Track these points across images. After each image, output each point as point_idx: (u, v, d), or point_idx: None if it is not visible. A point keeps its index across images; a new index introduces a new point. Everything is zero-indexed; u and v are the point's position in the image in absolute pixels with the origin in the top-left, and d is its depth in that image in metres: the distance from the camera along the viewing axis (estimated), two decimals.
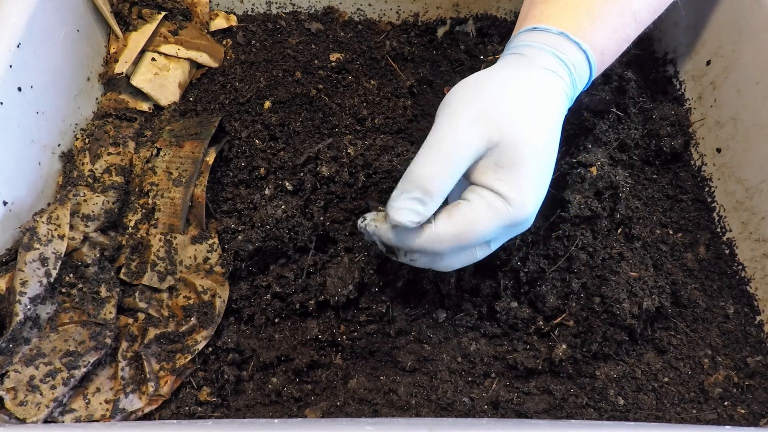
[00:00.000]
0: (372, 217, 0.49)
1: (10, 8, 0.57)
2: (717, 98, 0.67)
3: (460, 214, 0.45)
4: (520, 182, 0.45)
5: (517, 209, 0.45)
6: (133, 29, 0.71)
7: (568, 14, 0.52)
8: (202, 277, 0.56)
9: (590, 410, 0.52)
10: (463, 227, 0.45)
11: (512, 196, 0.45)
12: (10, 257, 0.53)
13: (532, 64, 0.50)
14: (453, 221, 0.45)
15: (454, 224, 0.45)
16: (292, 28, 0.78)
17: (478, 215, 0.45)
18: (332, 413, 0.51)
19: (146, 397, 0.50)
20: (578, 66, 0.51)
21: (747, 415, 0.53)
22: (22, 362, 0.49)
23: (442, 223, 0.45)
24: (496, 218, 0.45)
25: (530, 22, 0.53)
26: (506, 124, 0.46)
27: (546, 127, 0.47)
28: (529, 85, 0.48)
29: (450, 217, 0.45)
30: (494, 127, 0.45)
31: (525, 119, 0.46)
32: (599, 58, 0.53)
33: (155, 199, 0.60)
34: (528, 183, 0.46)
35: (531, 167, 0.46)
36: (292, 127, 0.68)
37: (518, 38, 0.52)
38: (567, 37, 0.51)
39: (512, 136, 0.45)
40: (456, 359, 0.54)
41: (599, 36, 0.52)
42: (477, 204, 0.45)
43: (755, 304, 0.60)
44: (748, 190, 0.62)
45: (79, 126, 0.66)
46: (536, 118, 0.47)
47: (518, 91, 0.47)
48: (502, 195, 0.45)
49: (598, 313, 0.54)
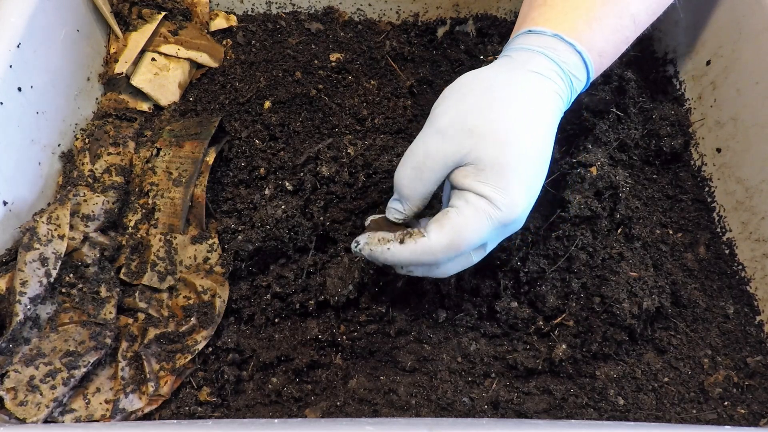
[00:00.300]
0: (365, 241, 0.49)
1: (10, 8, 0.57)
2: (717, 98, 0.67)
3: (449, 222, 0.46)
4: (504, 183, 0.45)
5: (506, 210, 0.45)
6: (133, 29, 0.71)
7: (566, 16, 0.52)
8: (202, 277, 0.56)
9: (590, 410, 0.52)
10: (454, 235, 0.45)
11: (498, 198, 0.45)
12: (10, 257, 0.53)
13: (520, 67, 0.50)
14: (444, 231, 0.45)
15: (445, 234, 0.45)
16: (292, 28, 0.78)
17: (467, 221, 0.45)
18: (332, 413, 0.51)
19: (146, 397, 0.50)
20: (574, 68, 0.51)
21: (747, 415, 0.53)
22: (22, 362, 0.49)
23: (434, 234, 0.45)
24: (485, 222, 0.45)
25: (527, 25, 0.53)
26: (486, 128, 0.46)
27: (532, 128, 0.47)
28: (514, 86, 0.48)
29: (440, 227, 0.46)
30: (470, 133, 0.46)
31: (508, 122, 0.46)
32: (597, 59, 0.53)
33: (155, 199, 0.60)
34: (514, 183, 0.45)
35: (515, 168, 0.46)
36: (292, 127, 0.68)
37: (514, 41, 0.53)
38: (562, 39, 0.51)
39: (493, 139, 0.46)
40: (456, 359, 0.54)
41: (597, 38, 0.52)
42: (464, 210, 0.45)
43: (755, 304, 0.60)
44: (748, 190, 0.62)
45: (79, 126, 0.66)
46: (520, 120, 0.47)
47: (503, 94, 0.48)
48: (488, 197, 0.45)
49: (598, 313, 0.54)
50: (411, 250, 0.46)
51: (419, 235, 0.46)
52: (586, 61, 0.52)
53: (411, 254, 0.46)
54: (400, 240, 0.47)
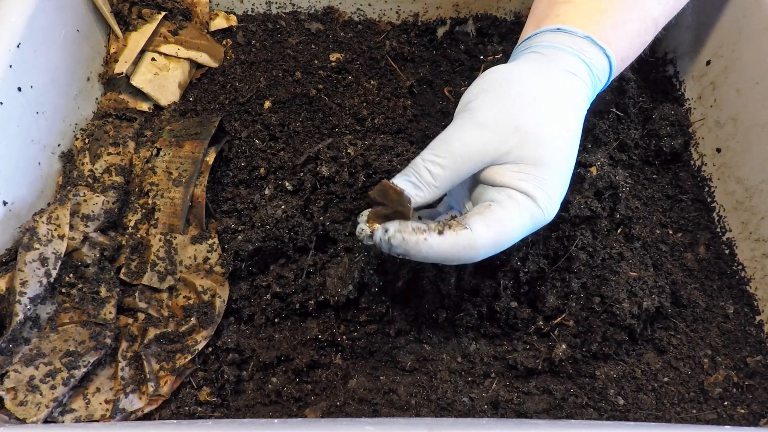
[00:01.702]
0: (396, 228, 0.43)
1: (10, 8, 0.57)
2: (717, 98, 0.67)
3: (494, 216, 0.44)
4: (545, 181, 0.45)
5: (545, 208, 0.45)
6: (133, 29, 0.71)
7: (593, 18, 0.51)
8: (202, 277, 0.56)
9: (590, 410, 0.52)
10: (499, 230, 0.43)
11: (540, 196, 0.45)
12: (10, 257, 0.53)
13: (555, 67, 0.49)
14: (489, 225, 0.43)
15: (491, 228, 0.43)
16: (292, 28, 0.78)
17: (512, 216, 0.44)
18: (332, 413, 0.51)
19: (146, 397, 0.50)
20: (601, 71, 0.51)
21: (747, 415, 0.53)
22: (22, 362, 0.49)
23: (479, 227, 0.43)
24: (527, 218, 0.44)
25: (552, 22, 0.52)
26: (531, 127, 0.45)
27: (568, 127, 0.47)
28: (553, 86, 0.48)
29: (485, 220, 0.43)
30: (516, 131, 0.45)
31: (548, 120, 0.46)
32: (619, 64, 0.53)
33: (155, 199, 0.60)
34: (553, 181, 0.45)
35: (555, 166, 0.45)
36: (292, 127, 0.68)
37: (540, 37, 0.52)
38: (593, 41, 0.50)
39: (537, 138, 0.45)
40: (456, 359, 0.54)
41: (622, 43, 0.52)
42: (508, 205, 0.44)
43: (755, 304, 0.60)
44: (748, 190, 0.62)
45: (79, 126, 0.66)
46: (560, 119, 0.47)
47: (542, 92, 0.47)
48: (531, 195, 0.44)
49: (598, 313, 0.54)
50: (451, 243, 0.43)
51: (460, 227, 0.43)
52: (612, 65, 0.51)
53: (451, 247, 0.43)
54: (438, 231, 0.43)
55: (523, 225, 0.45)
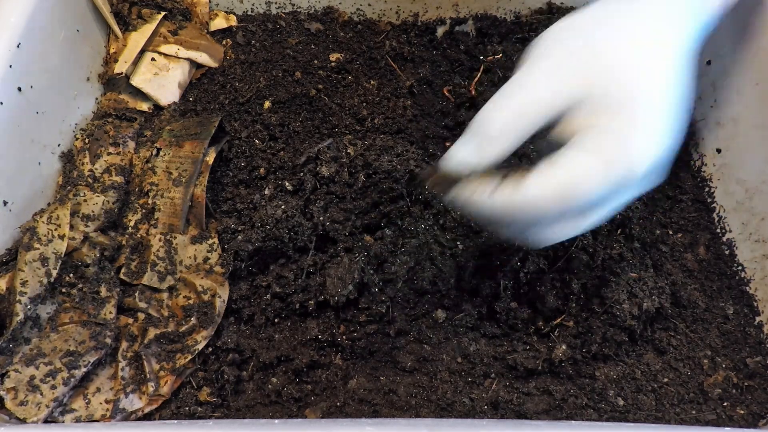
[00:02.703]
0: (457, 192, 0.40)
1: (10, 8, 0.57)
2: (717, 98, 0.67)
3: (555, 168, 0.38)
4: (627, 131, 0.38)
5: (627, 162, 0.38)
6: (132, 29, 0.71)
7: None
8: (202, 277, 0.56)
9: (590, 411, 0.52)
10: (566, 182, 0.37)
11: (618, 147, 0.38)
12: (10, 257, 0.54)
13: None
14: (550, 178, 0.38)
15: (553, 181, 0.38)
16: (291, 28, 0.78)
17: (580, 168, 0.38)
18: (332, 413, 0.51)
19: (146, 397, 0.50)
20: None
21: (746, 415, 0.53)
22: (23, 362, 0.49)
23: (537, 179, 0.38)
24: (601, 173, 0.38)
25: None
26: (610, 69, 0.39)
27: (662, 70, 0.41)
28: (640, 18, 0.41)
29: (544, 173, 0.38)
30: (593, 74, 0.39)
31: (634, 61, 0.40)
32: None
33: (155, 199, 0.60)
34: (638, 133, 0.38)
35: (644, 108, 0.39)
36: (292, 127, 0.68)
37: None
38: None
39: (617, 81, 0.39)
40: (456, 359, 0.54)
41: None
42: (577, 156, 0.38)
43: (755, 305, 0.60)
44: (748, 190, 0.62)
45: (79, 126, 0.66)
46: (650, 60, 0.40)
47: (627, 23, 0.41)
48: (606, 146, 0.38)
49: (597, 313, 0.54)
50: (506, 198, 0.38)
51: (519, 177, 0.38)
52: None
53: (504, 204, 0.38)
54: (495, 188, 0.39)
55: (594, 179, 0.38)
